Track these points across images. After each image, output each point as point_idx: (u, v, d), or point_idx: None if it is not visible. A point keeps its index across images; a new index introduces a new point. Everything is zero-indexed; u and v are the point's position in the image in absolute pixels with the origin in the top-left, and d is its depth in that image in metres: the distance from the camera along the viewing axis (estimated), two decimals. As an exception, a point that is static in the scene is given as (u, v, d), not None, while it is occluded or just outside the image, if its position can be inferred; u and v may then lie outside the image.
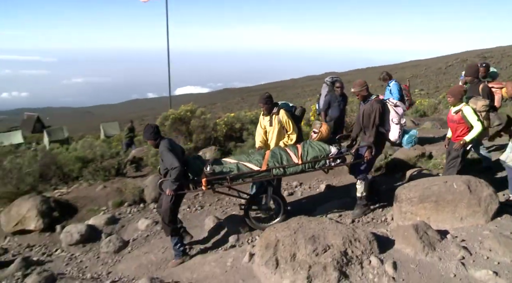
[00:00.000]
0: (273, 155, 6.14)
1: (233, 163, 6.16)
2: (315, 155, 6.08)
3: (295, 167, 6.06)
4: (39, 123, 66.02)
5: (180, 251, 6.00)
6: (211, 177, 5.83)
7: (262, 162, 6.06)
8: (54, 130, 41.21)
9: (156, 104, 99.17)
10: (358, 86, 6.37)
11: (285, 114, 6.72)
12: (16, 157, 12.17)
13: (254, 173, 6.03)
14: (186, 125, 11.97)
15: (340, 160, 6.25)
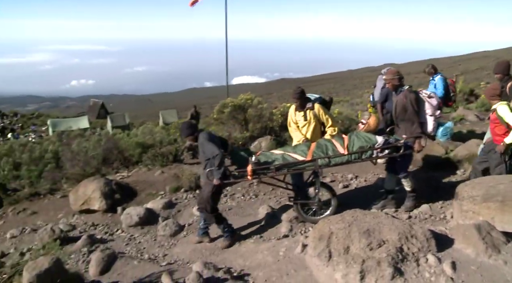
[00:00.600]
0: (318, 146, 6.12)
1: (278, 153, 6.23)
2: (361, 145, 5.94)
3: (341, 157, 5.96)
4: (103, 109, 69.36)
5: (230, 234, 6.21)
6: (256, 167, 5.91)
7: (307, 152, 6.05)
8: (117, 116, 43.22)
9: (213, 93, 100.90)
10: (390, 75, 6.25)
11: (321, 108, 6.67)
12: (83, 140, 12.90)
13: (299, 163, 6.02)
14: (243, 114, 12.11)
15: (389, 150, 6.03)
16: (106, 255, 5.96)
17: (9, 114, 69.14)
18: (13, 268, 4.49)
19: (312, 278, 4.47)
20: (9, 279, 4.34)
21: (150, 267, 5.69)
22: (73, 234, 7.59)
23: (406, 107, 6.00)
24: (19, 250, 7.31)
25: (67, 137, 15.13)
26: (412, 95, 5.99)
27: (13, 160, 12.71)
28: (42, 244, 6.62)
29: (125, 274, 5.64)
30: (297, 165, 6.07)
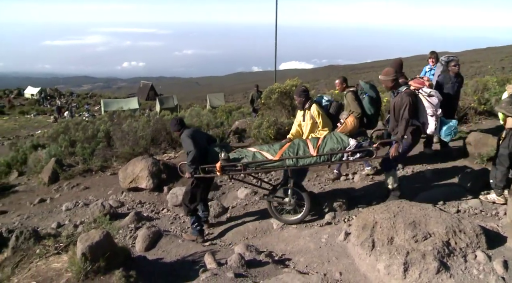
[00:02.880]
0: (291, 146, 6.01)
1: (251, 151, 6.18)
2: (332, 147, 5.76)
3: (309, 158, 5.82)
4: (152, 91, 71.07)
5: (197, 230, 6.36)
6: (225, 163, 5.93)
7: (278, 151, 5.98)
8: (165, 98, 44.18)
9: (260, 78, 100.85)
10: (384, 76, 5.92)
11: (317, 109, 6.52)
12: (133, 121, 13.32)
13: (268, 162, 5.95)
14: (290, 99, 12.04)
15: (362, 154, 5.73)
16: (152, 233, 6.19)
17: (66, 94, 72.41)
18: (68, 238, 4.76)
19: (353, 267, 4.44)
20: (65, 247, 4.60)
21: (194, 246, 5.85)
22: (121, 210, 7.92)
23: (400, 110, 5.73)
24: (73, 222, 7.74)
25: (118, 117, 15.67)
26: (408, 98, 5.64)
27: (69, 137, 13.35)
28: (93, 218, 6.97)
29: (169, 251, 5.83)
30: (265, 163, 5.99)
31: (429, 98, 5.77)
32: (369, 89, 6.96)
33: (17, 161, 13.96)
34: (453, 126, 5.88)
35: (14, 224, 8.28)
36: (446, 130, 5.84)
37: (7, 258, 4.74)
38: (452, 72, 8.16)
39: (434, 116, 5.76)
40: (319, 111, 6.51)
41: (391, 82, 5.88)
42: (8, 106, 59.82)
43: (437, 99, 5.83)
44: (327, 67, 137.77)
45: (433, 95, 5.82)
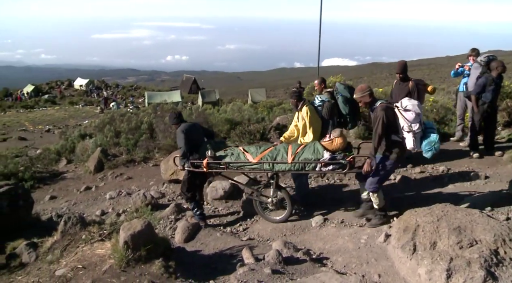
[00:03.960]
0: (272, 150, 6.20)
1: (238, 151, 6.44)
2: (307, 157, 5.88)
3: (284, 165, 5.98)
4: (195, 85, 72.13)
5: (198, 216, 6.67)
6: (211, 161, 6.26)
7: (259, 154, 6.20)
8: (208, 92, 44.78)
9: (302, 74, 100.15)
10: (359, 92, 5.67)
11: (308, 110, 6.52)
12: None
13: (248, 163, 6.18)
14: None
15: (335, 166, 5.77)
16: (191, 225, 6.32)
17: (112, 86, 74.77)
18: (111, 226, 4.93)
19: (393, 270, 4.35)
20: (108, 235, 4.77)
21: (232, 240, 5.92)
22: (162, 201, 8.11)
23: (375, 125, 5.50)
24: (116, 211, 8.00)
25: (161, 110, 16.00)
26: (381, 113, 5.37)
27: (114, 128, 13.78)
28: (135, 208, 7.17)
29: (208, 244, 5.92)
30: (246, 164, 6.22)
31: (404, 113, 5.42)
32: (343, 89, 7.09)
33: (66, 149, 14.58)
34: (433, 141, 5.48)
35: (62, 210, 8.68)
36: (425, 146, 5.50)
37: (57, 241, 4.97)
38: (495, 73, 7.77)
39: (411, 132, 5.40)
40: (308, 113, 6.52)
41: (368, 98, 5.62)
42: (59, 96, 62.59)
43: (413, 113, 5.40)
44: (370, 65, 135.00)
45: (409, 110, 5.42)
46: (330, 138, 5.96)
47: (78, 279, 4.05)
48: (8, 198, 6.02)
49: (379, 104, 5.52)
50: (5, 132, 30.78)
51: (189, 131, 6.55)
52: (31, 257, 4.92)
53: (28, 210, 6.50)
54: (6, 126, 36.06)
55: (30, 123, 37.40)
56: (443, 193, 6.73)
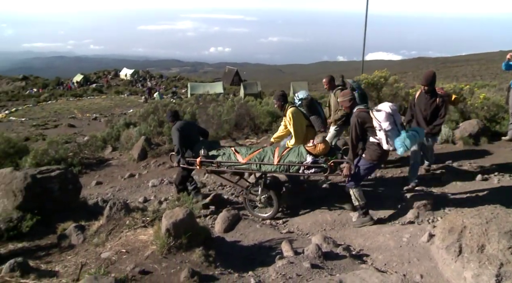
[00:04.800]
0: (260, 152, 6.49)
1: (230, 151, 6.76)
2: (291, 160, 6.14)
3: (270, 166, 6.26)
4: (237, 76, 72.48)
5: (194, 192, 7.29)
6: (204, 159, 6.65)
7: (247, 155, 6.51)
8: (250, 84, 44.89)
9: (345, 68, 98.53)
10: (341, 97, 5.97)
11: (290, 115, 6.71)
12: (218, 105, 13.72)
13: (238, 163, 6.50)
14: (377, 91, 11.65)
15: (316, 170, 6.02)
16: (231, 215, 6.38)
17: (156, 76, 76.44)
18: (154, 214, 5.06)
19: (436, 271, 4.22)
20: (151, 222, 4.91)
21: (271, 233, 5.93)
22: (203, 191, 8.22)
23: None
24: (158, 198, 8.20)
25: (204, 101, 16.22)
26: (354, 119, 5.65)
27: (157, 117, 14.10)
28: (177, 196, 7.32)
29: (247, 235, 5.96)
30: (235, 164, 6.54)
31: (376, 113, 5.54)
32: (359, 86, 6.85)
33: (111, 137, 15.07)
34: (402, 138, 5.54)
35: (107, 195, 9.00)
36: (397, 143, 5.56)
37: (102, 225, 5.16)
38: None
39: (382, 131, 5.52)
40: (291, 118, 6.70)
41: (348, 102, 5.85)
42: (106, 86, 64.66)
43: (384, 113, 5.50)
44: (416, 59, 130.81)
45: (380, 110, 5.54)
46: (313, 144, 6.09)
47: (121, 262, 4.18)
48: (59, 181, 6.29)
49: (356, 110, 5.74)
50: (56, 119, 32.23)
51: (183, 129, 6.94)
52: (79, 238, 5.13)
53: (77, 194, 6.77)
54: (57, 114, 37.75)
55: (78, 111, 38.94)
56: (492, 194, 6.45)
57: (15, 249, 5.15)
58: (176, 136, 6.89)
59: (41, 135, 22.19)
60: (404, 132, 5.59)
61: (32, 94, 58.80)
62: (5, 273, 4.05)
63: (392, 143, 5.59)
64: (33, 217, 5.54)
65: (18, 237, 5.37)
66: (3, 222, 5.46)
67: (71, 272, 4.25)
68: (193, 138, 7.14)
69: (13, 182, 6.01)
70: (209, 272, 4.02)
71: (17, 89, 67.28)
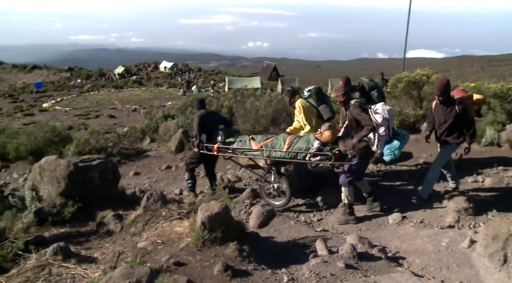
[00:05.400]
0: (273, 140, 6.69)
1: (245, 138, 7.07)
2: (300, 147, 6.28)
3: (280, 153, 6.45)
4: (275, 72, 72.23)
5: (189, 186, 7.69)
6: (221, 145, 7.03)
7: (261, 142, 6.75)
8: (287, 80, 44.70)
9: (385, 65, 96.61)
10: (335, 92, 6.06)
11: (299, 105, 6.92)
12: (255, 100, 13.72)
13: (251, 150, 6.79)
14: (419, 90, 11.31)
15: (321, 157, 6.11)
16: (266, 211, 6.36)
17: (195, 70, 77.37)
18: (190, 206, 5.12)
19: (477, 279, 4.06)
20: (187, 214, 4.97)
21: (305, 230, 5.88)
22: (238, 185, 8.26)
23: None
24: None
25: (241, 95, 16.27)
26: (354, 110, 5.77)
27: (195, 110, 14.23)
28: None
29: (281, 231, 5.93)
30: (249, 151, 6.83)
31: (374, 116, 5.62)
32: (376, 85, 6.83)
33: (150, 128, 15.38)
34: (394, 147, 5.55)
35: (144, 186, 9.19)
36: (386, 150, 5.58)
37: (139, 215, 5.27)
38: None
39: (376, 134, 5.63)
40: (300, 107, 6.90)
41: (341, 97, 5.95)
42: (145, 78, 66.01)
43: (381, 117, 5.56)
44: (459, 57, 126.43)
45: (379, 113, 5.62)
46: (320, 131, 6.16)
47: (157, 253, 4.26)
48: (99, 170, 6.48)
49: (353, 103, 5.83)
50: (98, 110, 33.21)
51: (204, 117, 7.37)
52: (117, 227, 5.26)
53: (115, 184, 6.95)
54: (99, 104, 38.89)
55: (119, 102, 39.96)
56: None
57: (58, 234, 5.35)
58: (196, 122, 7.35)
59: (83, 125, 22.93)
60: (396, 141, 5.67)
61: (76, 85, 60.82)
62: (49, 256, 4.22)
63: (380, 147, 5.68)
64: (74, 204, 5.73)
65: (61, 222, 5.58)
66: (47, 207, 5.68)
67: (108, 259, 4.37)
68: (213, 126, 7.47)
69: (57, 169, 6.23)
70: (242, 267, 4.02)
71: (63, 80, 69.92)
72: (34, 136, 12.39)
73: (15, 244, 4.54)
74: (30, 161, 11.75)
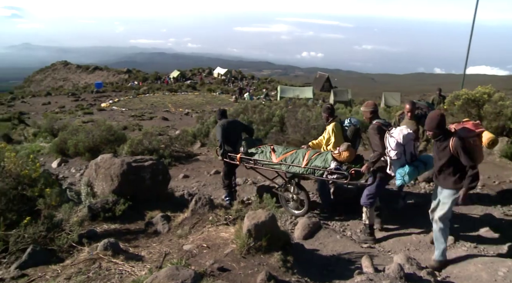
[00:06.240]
0: (293, 154, 6.93)
1: (267, 149, 7.33)
2: (317, 164, 6.51)
3: (298, 168, 6.68)
4: (327, 83, 71.60)
5: (227, 202, 7.58)
6: (243, 156, 7.33)
7: (281, 156, 7.00)
8: (340, 91, 44.12)
9: (443, 81, 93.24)
10: (364, 107, 6.21)
11: (333, 127, 7.00)
12: (306, 110, 13.65)
13: (271, 163, 7.05)
14: (478, 108, 10.80)
15: (338, 176, 6.27)
16: (312, 223, 6.29)
17: (248, 77, 78.28)
18: (237, 213, 5.15)
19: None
20: (233, 220, 5.00)
21: (351, 245, 5.75)
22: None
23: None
24: (241, 197, 8.34)
25: (293, 104, 16.25)
26: (371, 131, 5.91)
27: (247, 117, 14.39)
28: (259, 197, 7.40)
29: (326, 245, 5.84)
30: (269, 163, 7.10)
31: (389, 138, 5.56)
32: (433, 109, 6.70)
33: (201, 133, 15.69)
34: (404, 172, 5.40)
35: (193, 189, 9.36)
36: (397, 174, 5.50)
37: (187, 218, 5.37)
38: None
39: (388, 157, 5.61)
40: (334, 130, 6.99)
41: (369, 114, 6.09)
42: (199, 83, 67.55)
43: (395, 141, 5.48)
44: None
45: (393, 137, 5.53)
46: (339, 151, 6.32)
47: (202, 256, 4.30)
48: (151, 171, 6.65)
49: (374, 123, 5.96)
50: (152, 112, 34.33)
51: (226, 127, 7.59)
52: (164, 228, 5.38)
53: (165, 185, 7.11)
54: (153, 106, 40.22)
55: (172, 105, 41.12)
56: None
57: (109, 230, 5.54)
58: (218, 132, 7.59)
59: (137, 126, 23.76)
60: (407, 167, 5.53)
61: (133, 86, 63.29)
62: (100, 251, 4.38)
63: (393, 171, 5.64)
64: (125, 202, 5.91)
65: (112, 219, 5.77)
66: (100, 203, 5.90)
67: (154, 259, 4.47)
68: (236, 135, 7.77)
69: (111, 168, 6.48)
70: (285, 278, 3.98)
71: (121, 81, 73.11)
72: (92, 134, 12.95)
73: (70, 236, 4.77)
74: (87, 157, 12.29)
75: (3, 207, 4.96)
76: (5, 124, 23.35)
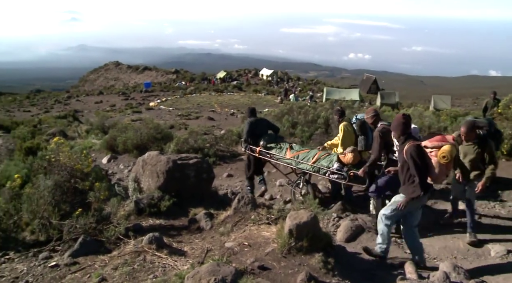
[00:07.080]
0: (306, 152, 7.40)
1: (285, 145, 7.83)
2: (323, 164, 6.94)
3: (305, 165, 7.17)
4: (374, 85, 70.09)
5: (248, 191, 8.32)
6: (262, 150, 7.89)
7: (294, 153, 7.46)
8: (387, 94, 43.03)
9: (498, 84, 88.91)
10: (365, 115, 6.67)
11: (342, 128, 7.29)
12: (352, 112, 13.44)
13: (284, 158, 7.57)
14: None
15: (339, 176, 6.65)
16: (355, 226, 6.20)
17: (293, 78, 78.12)
18: (279, 212, 5.17)
19: None
20: (275, 220, 5.02)
21: (395, 250, 5.61)
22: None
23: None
24: (284, 198, 8.36)
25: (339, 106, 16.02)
26: (376, 133, 6.05)
27: (291, 119, 14.36)
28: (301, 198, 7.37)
29: (369, 248, 5.71)
30: (283, 158, 7.62)
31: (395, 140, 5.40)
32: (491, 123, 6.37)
33: (245, 133, 15.76)
34: None
35: (236, 188, 9.46)
36: None
37: (229, 216, 5.44)
38: None
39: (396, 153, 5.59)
40: (342, 128, 7.29)
41: (370, 119, 6.49)
42: (245, 84, 68.09)
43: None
44: None
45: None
46: (344, 153, 6.76)
47: (243, 254, 4.35)
48: (195, 169, 6.80)
49: (379, 125, 6.15)
50: (198, 111, 34.95)
51: (253, 124, 8.26)
52: (207, 225, 5.48)
53: (209, 183, 7.24)
54: (199, 106, 40.95)
55: (218, 105, 41.66)
56: None
57: (153, 224, 5.72)
58: (246, 128, 8.34)
59: (184, 125, 24.23)
60: None
61: (181, 86, 64.68)
62: (145, 244, 4.54)
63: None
64: (170, 198, 6.07)
65: (157, 214, 5.95)
66: (146, 198, 6.09)
67: (197, 255, 4.56)
68: (262, 132, 8.29)
69: (157, 164, 6.67)
70: (326, 280, 3.95)
71: (169, 81, 74.99)
72: (140, 132, 13.37)
73: (117, 228, 4.96)
74: (135, 154, 12.68)
75: (58, 198, 5.23)
76: (62, 122, 24.54)
